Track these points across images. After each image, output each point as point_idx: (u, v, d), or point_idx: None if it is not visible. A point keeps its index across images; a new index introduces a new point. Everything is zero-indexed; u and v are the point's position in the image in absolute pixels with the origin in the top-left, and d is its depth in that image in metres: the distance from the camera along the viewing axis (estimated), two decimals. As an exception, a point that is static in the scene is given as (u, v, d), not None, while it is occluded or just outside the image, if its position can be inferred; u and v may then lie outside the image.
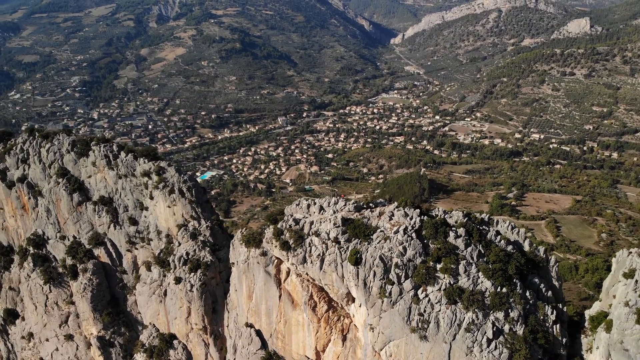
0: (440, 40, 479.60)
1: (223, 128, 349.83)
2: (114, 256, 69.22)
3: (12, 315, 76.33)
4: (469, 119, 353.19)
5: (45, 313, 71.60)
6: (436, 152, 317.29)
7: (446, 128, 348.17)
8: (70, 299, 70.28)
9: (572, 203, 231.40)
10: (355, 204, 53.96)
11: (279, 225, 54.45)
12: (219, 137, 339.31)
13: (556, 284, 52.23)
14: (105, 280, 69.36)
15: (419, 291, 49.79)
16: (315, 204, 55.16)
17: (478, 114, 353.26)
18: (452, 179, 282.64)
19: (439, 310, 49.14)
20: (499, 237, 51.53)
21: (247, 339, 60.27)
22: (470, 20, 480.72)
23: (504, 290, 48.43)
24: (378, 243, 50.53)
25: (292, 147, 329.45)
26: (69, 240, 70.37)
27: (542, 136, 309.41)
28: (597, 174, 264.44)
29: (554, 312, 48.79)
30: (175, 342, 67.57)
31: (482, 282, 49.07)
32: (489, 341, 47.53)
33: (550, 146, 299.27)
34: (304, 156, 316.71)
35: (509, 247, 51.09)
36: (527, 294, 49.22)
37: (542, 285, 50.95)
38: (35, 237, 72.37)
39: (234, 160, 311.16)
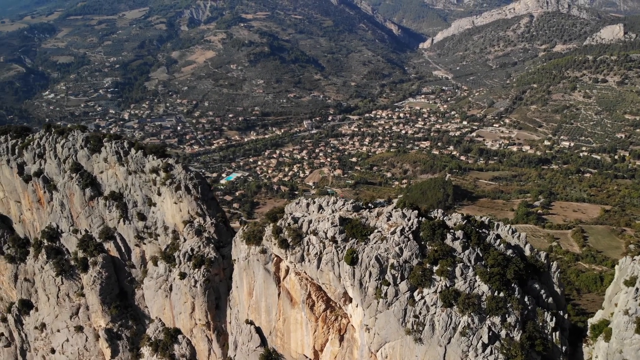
0: (470, 45, 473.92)
1: (249, 130, 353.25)
2: (123, 250, 70.79)
3: (26, 306, 78.77)
4: (497, 125, 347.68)
5: (57, 304, 73.69)
6: (462, 158, 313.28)
7: (473, 134, 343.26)
8: (81, 291, 72.13)
9: (601, 213, 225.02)
10: (353, 204, 53.90)
11: (278, 223, 54.79)
12: (245, 140, 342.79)
13: (558, 291, 50.96)
14: (114, 273, 70.96)
15: (415, 293, 49.37)
16: (314, 203, 55.31)
17: (507, 120, 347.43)
18: (477, 186, 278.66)
19: (434, 313, 48.58)
20: (498, 240, 50.60)
21: (247, 335, 60.71)
22: (501, 25, 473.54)
23: (501, 294, 47.55)
24: (375, 243, 50.31)
25: (317, 150, 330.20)
26: (81, 233, 72.34)
27: (572, 144, 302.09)
28: (628, 184, 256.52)
29: (554, 318, 47.64)
30: (179, 337, 68.52)
31: (479, 285, 48.29)
32: (485, 346, 46.71)
33: (580, 154, 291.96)
34: (328, 159, 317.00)
35: (509, 252, 50.13)
36: (526, 299, 48.20)
37: (542, 291, 49.79)
38: (49, 230, 74.62)
39: (259, 163, 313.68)
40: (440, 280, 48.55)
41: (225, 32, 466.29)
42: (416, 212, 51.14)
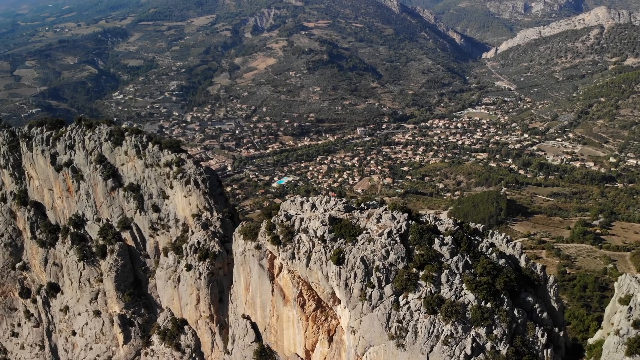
0: (536, 56, 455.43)
1: (304, 136, 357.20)
2: (139, 240, 73.60)
3: (54, 289, 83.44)
4: (560, 139, 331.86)
5: (79, 289, 77.62)
6: (521, 171, 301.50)
7: (534, 147, 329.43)
8: (100, 277, 75.61)
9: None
10: (345, 204, 53.29)
11: (272, 220, 55.10)
12: (299, 145, 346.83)
13: (555, 306, 47.90)
14: (129, 262, 73.87)
15: (400, 297, 48.11)
16: (308, 201, 55.21)
17: (570, 135, 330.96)
18: (534, 201, 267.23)
19: (418, 319, 47.09)
20: (491, 249, 48.36)
21: (243, 330, 61.26)
22: (569, 36, 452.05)
23: (488, 305, 45.41)
24: (362, 244, 49.46)
25: (368, 157, 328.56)
26: (102, 222, 75.94)
27: (639, 162, 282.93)
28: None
29: (545, 335, 44.89)
30: (186, 327, 70.20)
31: (465, 294, 46.36)
32: (468, 357, 44.55)
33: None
34: (379, 167, 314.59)
35: (502, 261, 47.79)
36: (516, 312, 45.75)
37: (536, 305, 46.99)
38: (75, 218, 78.88)
39: (310, 168, 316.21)
40: (426, 285, 47.10)
41: (287, 40, 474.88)
42: (406, 215, 49.82)
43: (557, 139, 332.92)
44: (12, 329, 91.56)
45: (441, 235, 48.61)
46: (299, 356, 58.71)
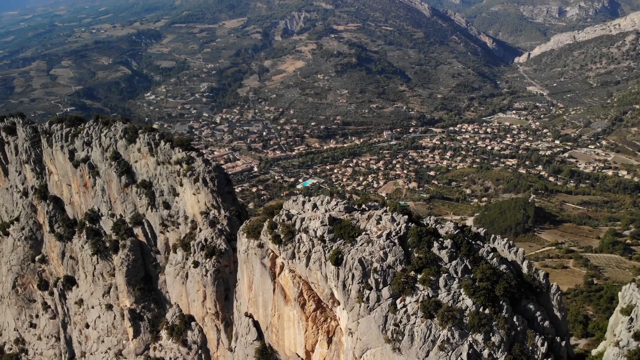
0: (570, 61, 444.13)
1: (329, 139, 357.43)
2: (150, 236, 74.80)
3: (70, 282, 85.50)
4: (592, 147, 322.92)
5: (93, 282, 79.33)
6: (551, 179, 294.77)
7: (566, 154, 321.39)
8: (113, 271, 77.16)
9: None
10: (346, 205, 52.92)
11: (273, 219, 55.19)
12: (324, 147, 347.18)
13: (558, 315, 46.39)
14: (140, 257, 75.12)
15: (398, 300, 47.46)
16: (309, 201, 55.07)
17: (603, 142, 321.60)
18: (563, 209, 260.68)
19: (414, 323, 46.36)
20: (492, 254, 47.23)
21: (246, 328, 61.46)
22: (604, 41, 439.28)
23: (487, 311, 44.35)
24: (361, 245, 48.98)
25: (394, 161, 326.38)
26: (116, 218, 77.53)
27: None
28: None
29: (545, 344, 43.54)
30: (193, 323, 70.91)
31: (463, 299, 45.41)
32: (464, 364, 43.79)
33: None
34: (404, 171, 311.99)
35: (503, 267, 46.60)
36: (515, 319, 44.53)
37: (538, 313, 45.64)
38: (91, 213, 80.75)
39: (335, 171, 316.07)
40: (423, 289, 46.35)
41: (316, 43, 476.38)
42: (406, 217, 49.13)
43: (589, 146, 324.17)
44: (30, 320, 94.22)
45: (440, 239, 47.75)
46: (299, 356, 58.48)
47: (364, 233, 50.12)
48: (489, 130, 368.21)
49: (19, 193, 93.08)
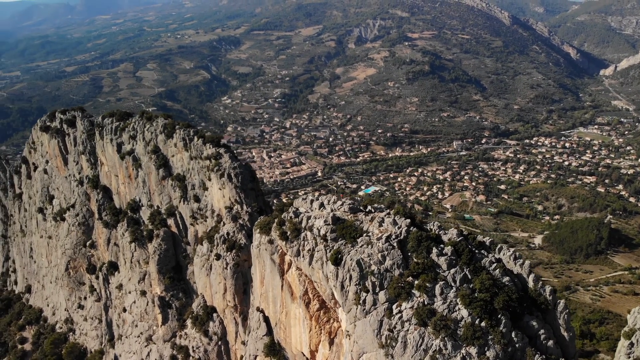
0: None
1: (395, 147, 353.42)
2: (181, 228, 77.66)
3: (113, 267, 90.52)
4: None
5: (130, 269, 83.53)
6: (632, 199, 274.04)
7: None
8: (148, 259, 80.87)
9: None
10: (351, 205, 52.12)
11: (282, 216, 55.50)
12: (390, 155, 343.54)
13: (565, 335, 42.96)
14: (172, 247, 78.14)
15: (394, 305, 46.08)
16: (317, 200, 54.84)
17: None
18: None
19: (408, 330, 44.79)
20: (494, 265, 44.64)
21: (257, 322, 62.04)
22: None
23: (483, 324, 41.98)
24: (360, 247, 48.08)
25: (462, 172, 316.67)
26: (153, 208, 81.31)
27: None
28: None
29: (545, 364, 40.50)
30: (214, 315, 72.54)
31: (459, 309, 43.26)
32: (455, 377, 41.69)
33: None
34: (473, 184, 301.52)
35: (505, 279, 43.92)
36: (514, 335, 41.79)
37: (542, 331, 42.57)
38: (133, 203, 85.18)
39: (399, 179, 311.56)
40: (419, 296, 44.70)
41: (389, 50, 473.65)
42: (408, 221, 47.61)
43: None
44: (79, 301, 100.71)
45: (441, 245, 45.88)
46: (304, 355, 58.26)
47: (365, 234, 49.18)
48: (567, 144, 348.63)
49: (75, 182, 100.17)
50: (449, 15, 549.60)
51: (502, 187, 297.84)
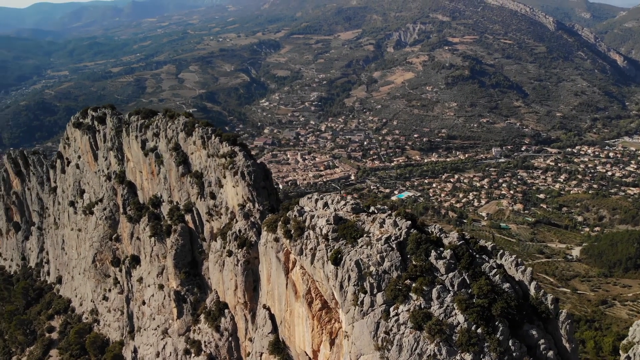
0: None
1: (431, 152, 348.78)
2: (198, 224, 78.93)
3: (135, 261, 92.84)
4: None
5: (150, 262, 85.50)
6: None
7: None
8: (166, 254, 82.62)
9: None
10: (354, 205, 51.71)
11: (287, 214, 55.64)
12: (425, 160, 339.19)
13: (567, 346, 41.32)
14: (189, 243, 79.52)
15: (392, 308, 45.44)
16: (322, 199, 54.71)
17: None
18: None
19: (403, 333, 44.05)
20: (495, 270, 43.37)
21: (263, 320, 62.37)
22: None
23: (479, 330, 40.84)
24: (360, 247, 47.70)
25: (500, 180, 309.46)
26: (173, 204, 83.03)
27: None
28: None
29: (542, 374, 39.07)
30: (226, 311, 73.28)
31: (455, 314, 42.24)
32: (449, 383, 40.72)
33: None
34: (511, 192, 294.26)
35: (506, 285, 42.59)
36: (511, 343, 40.46)
37: (542, 341, 41.06)
38: (154, 199, 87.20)
39: (434, 185, 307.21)
40: (416, 299, 43.93)
41: (428, 55, 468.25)
42: (409, 222, 46.87)
43: None
44: (104, 293, 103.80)
45: (441, 248, 44.98)
46: (307, 354, 58.13)
47: (365, 235, 48.76)
48: (611, 154, 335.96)
49: (104, 177, 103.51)
50: (491, 20, 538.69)
51: (541, 196, 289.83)
